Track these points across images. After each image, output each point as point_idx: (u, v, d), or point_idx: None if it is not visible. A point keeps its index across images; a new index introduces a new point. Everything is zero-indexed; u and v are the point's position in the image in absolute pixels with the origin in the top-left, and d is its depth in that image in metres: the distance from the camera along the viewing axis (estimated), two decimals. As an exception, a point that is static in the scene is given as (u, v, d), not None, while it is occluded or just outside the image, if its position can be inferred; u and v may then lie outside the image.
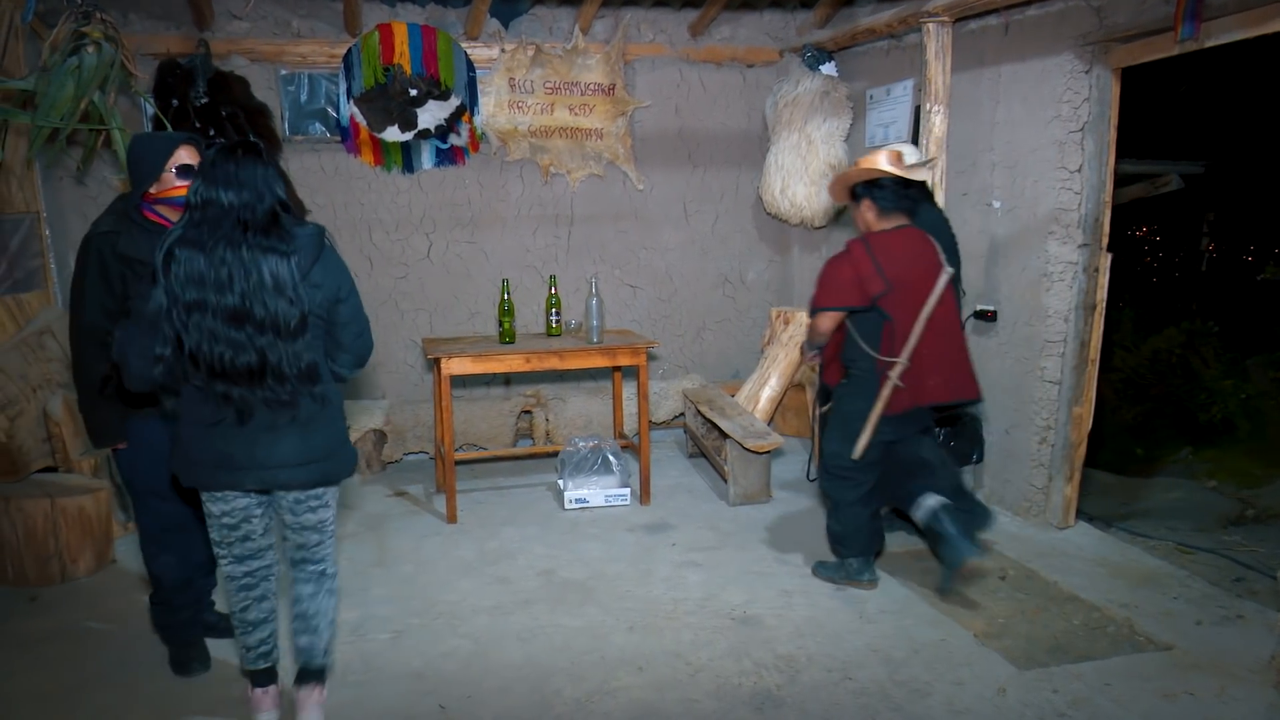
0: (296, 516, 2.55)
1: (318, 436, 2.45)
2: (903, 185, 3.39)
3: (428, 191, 5.41)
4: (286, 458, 2.40)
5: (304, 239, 2.40)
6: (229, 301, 2.27)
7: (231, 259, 2.27)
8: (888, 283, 3.28)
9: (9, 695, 2.84)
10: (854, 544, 3.55)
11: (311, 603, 2.62)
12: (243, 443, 2.37)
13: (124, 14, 4.81)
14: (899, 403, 3.35)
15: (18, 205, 4.28)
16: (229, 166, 2.32)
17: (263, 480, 2.42)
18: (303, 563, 2.61)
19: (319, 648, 2.63)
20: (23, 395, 3.90)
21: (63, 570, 3.70)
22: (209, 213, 2.30)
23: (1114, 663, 2.95)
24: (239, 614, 2.59)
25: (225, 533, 2.53)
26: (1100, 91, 3.86)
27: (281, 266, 2.31)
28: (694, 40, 5.65)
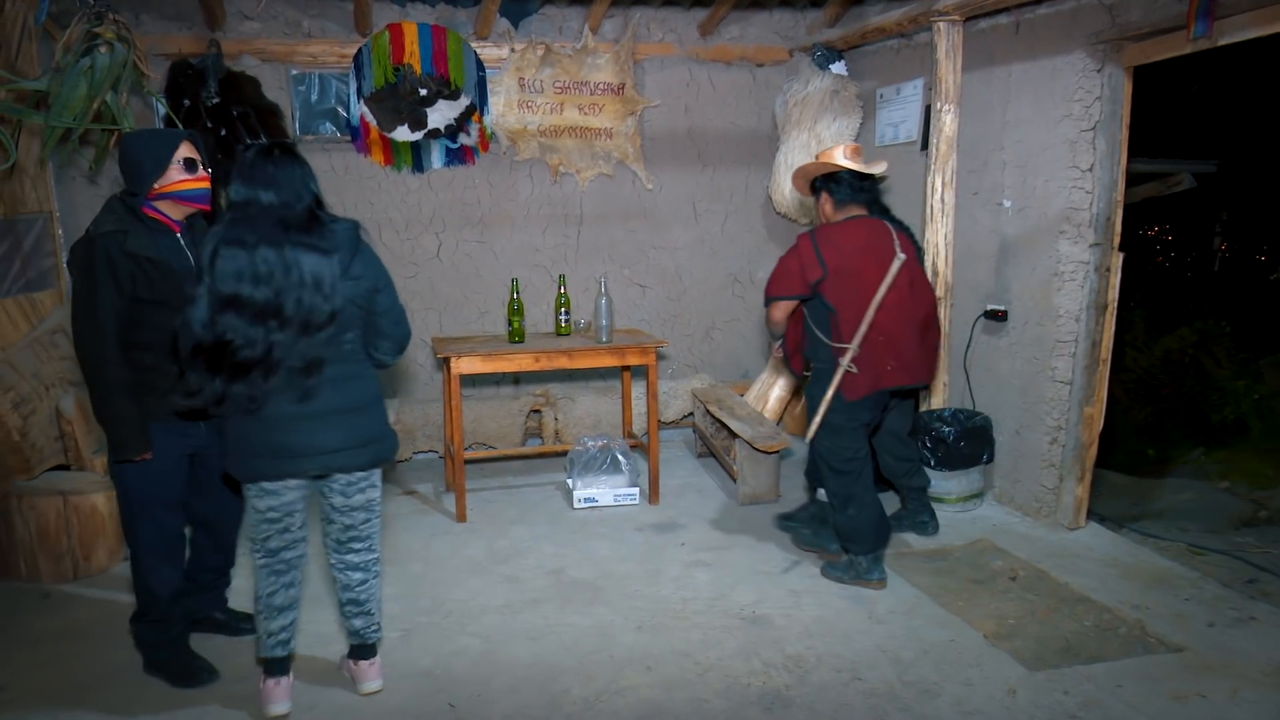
0: (348, 498, 2.67)
1: (369, 421, 2.61)
2: (859, 179, 3.52)
3: (437, 191, 5.42)
4: (344, 441, 2.54)
5: (342, 234, 2.50)
6: (261, 296, 2.35)
7: (273, 257, 2.37)
8: (825, 269, 3.38)
9: (22, 691, 2.86)
10: (865, 540, 3.54)
11: (363, 589, 2.78)
12: (302, 432, 2.49)
13: (136, 14, 4.84)
14: (858, 388, 3.42)
15: (31, 205, 4.31)
16: (267, 167, 2.41)
17: (324, 464, 2.55)
18: (351, 542, 2.74)
19: (374, 625, 2.82)
20: (35, 394, 3.92)
21: (75, 567, 3.72)
22: (249, 211, 2.39)
23: (1125, 664, 2.94)
24: (265, 598, 2.65)
25: (266, 528, 2.61)
26: (1112, 90, 3.84)
27: (323, 264, 2.41)
28: (703, 39, 5.64)
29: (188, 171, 2.71)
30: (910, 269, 3.48)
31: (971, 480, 4.38)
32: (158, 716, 2.72)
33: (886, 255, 3.43)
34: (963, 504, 4.38)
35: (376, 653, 2.85)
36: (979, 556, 3.85)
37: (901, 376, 3.47)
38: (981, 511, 4.39)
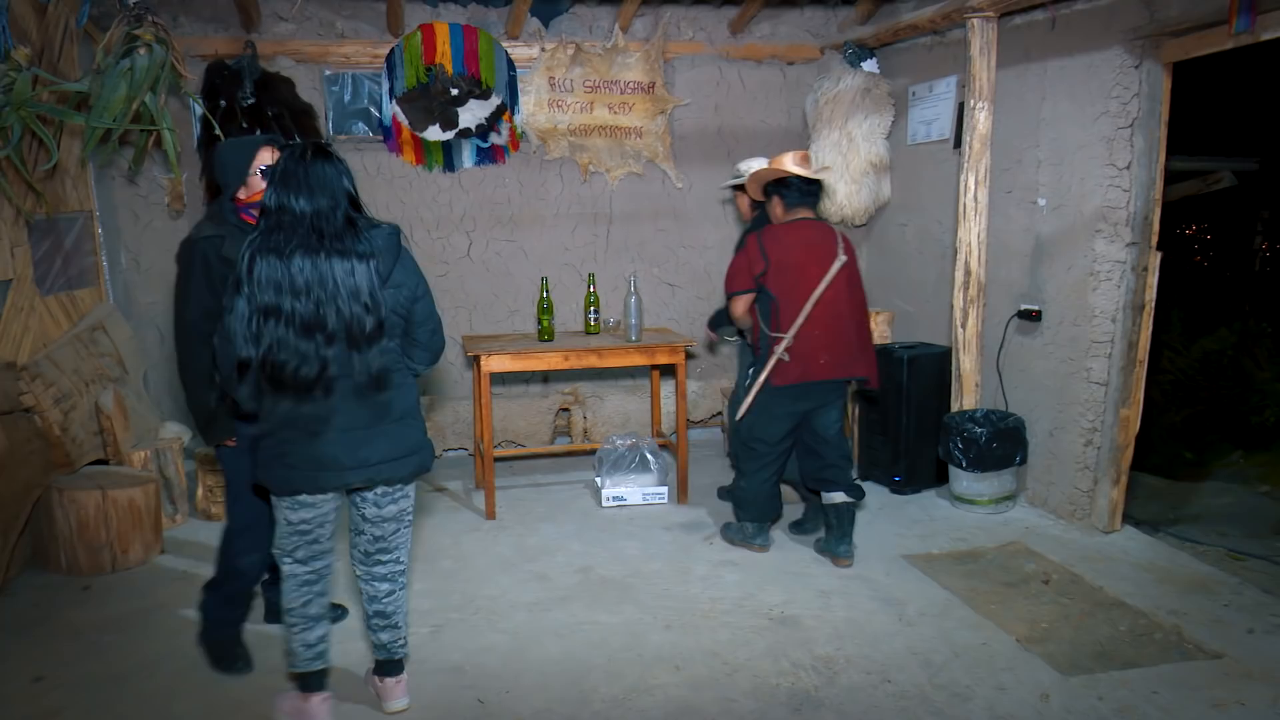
0: (380, 509, 2.60)
1: (410, 431, 2.54)
2: (806, 184, 3.80)
3: (468, 190, 5.45)
4: (389, 453, 2.48)
5: (382, 240, 2.43)
6: (303, 310, 2.30)
7: (309, 267, 2.30)
8: (767, 262, 3.66)
9: (63, 681, 2.92)
10: (752, 510, 3.93)
11: (390, 600, 2.69)
12: (344, 444, 2.41)
13: (174, 17, 4.91)
14: (785, 375, 3.66)
15: (72, 204, 4.39)
16: (299, 171, 2.33)
17: (369, 477, 2.48)
18: (380, 553, 2.66)
19: (401, 639, 2.73)
20: (76, 390, 4.00)
21: (113, 560, 3.79)
22: (283, 219, 2.32)
23: (1162, 670, 2.89)
24: (299, 609, 2.58)
25: (296, 539, 2.54)
26: (1151, 86, 3.78)
27: (360, 272, 2.34)
28: (734, 38, 5.63)
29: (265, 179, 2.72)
30: (849, 270, 3.72)
31: (1004, 482, 4.33)
32: (194, 707, 2.76)
33: (828, 256, 3.68)
34: (994, 506, 4.33)
35: (403, 669, 2.76)
36: (1011, 559, 3.81)
37: (834, 370, 3.69)
38: (1014, 514, 4.34)
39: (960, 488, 4.40)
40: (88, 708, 2.76)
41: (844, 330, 3.70)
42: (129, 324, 4.83)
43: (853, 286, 3.75)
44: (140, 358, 4.82)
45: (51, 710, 2.74)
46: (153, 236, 5.06)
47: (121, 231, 5.04)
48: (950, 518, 4.34)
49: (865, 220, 5.63)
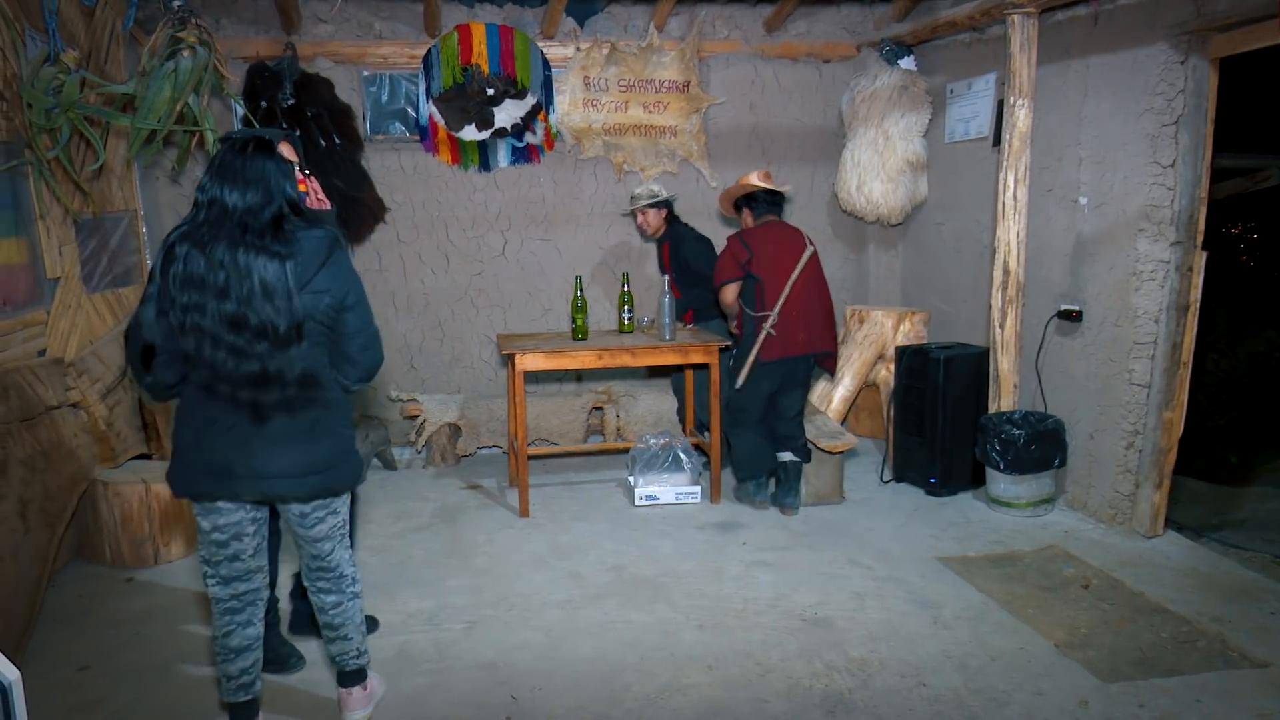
0: (306, 529, 2.46)
1: (320, 446, 2.34)
2: (770, 195, 4.43)
3: (503, 189, 5.49)
4: (287, 468, 2.29)
5: (309, 242, 2.25)
6: (227, 308, 2.17)
7: (228, 262, 2.17)
8: (750, 251, 4.27)
9: (107, 670, 2.98)
10: (748, 468, 4.46)
11: (338, 612, 2.55)
12: (242, 452, 2.26)
13: (217, 19, 5.00)
14: (771, 351, 4.25)
15: (117, 204, 4.48)
16: (236, 163, 2.22)
17: (261, 490, 2.31)
18: (321, 570, 2.53)
19: (352, 651, 2.59)
20: (120, 385, 4.08)
21: (155, 553, 3.86)
22: (213, 212, 2.21)
23: (1205, 678, 2.83)
24: (221, 639, 2.45)
25: (214, 550, 2.40)
26: (1196, 83, 3.71)
27: (271, 271, 2.18)
28: (769, 36, 5.60)
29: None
30: (816, 260, 4.35)
31: (1042, 485, 4.27)
32: (233, 699, 2.81)
33: (798, 247, 4.33)
34: (1032, 509, 4.27)
35: (363, 679, 2.63)
36: (1050, 563, 3.75)
37: (809, 346, 4.30)
38: (1052, 517, 4.28)
39: (997, 490, 4.34)
40: (130, 697, 2.81)
41: (815, 311, 4.32)
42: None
43: (819, 274, 4.37)
44: (182, 354, 4.90)
45: (96, 699, 2.80)
46: (195, 235, 5.15)
47: (165, 230, 5.13)
48: (987, 520, 4.28)
49: (902, 219, 5.58)
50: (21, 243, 3.62)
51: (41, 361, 3.62)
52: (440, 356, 5.54)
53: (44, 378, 3.53)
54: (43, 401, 3.46)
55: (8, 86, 3.51)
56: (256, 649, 2.50)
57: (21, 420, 3.28)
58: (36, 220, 3.72)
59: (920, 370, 4.66)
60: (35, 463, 3.29)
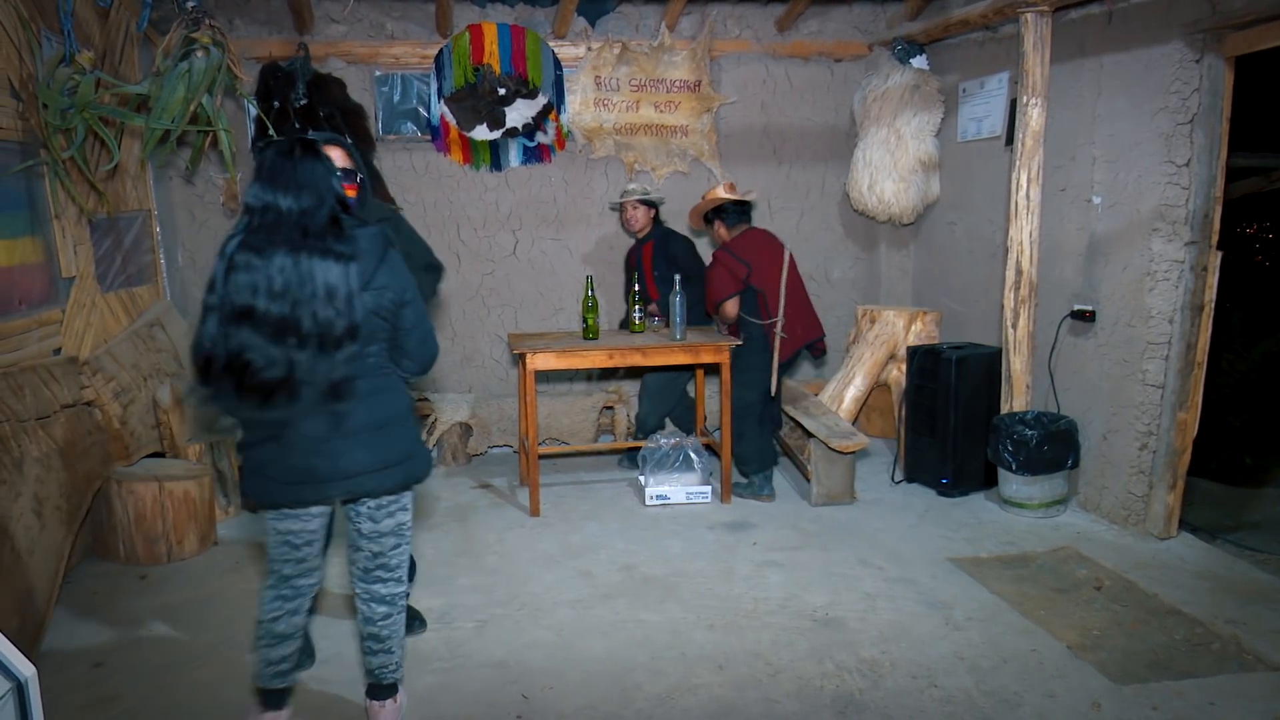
0: (376, 523, 2.47)
1: (395, 441, 2.38)
2: (738, 205, 4.62)
3: (514, 189, 5.49)
4: (368, 464, 2.33)
5: (366, 241, 2.29)
6: (278, 311, 2.16)
7: (289, 266, 2.17)
8: (747, 265, 4.45)
9: (120, 667, 3.00)
10: (757, 461, 4.62)
11: (386, 624, 2.54)
12: (324, 455, 2.29)
13: (230, 20, 5.03)
14: (785, 351, 4.52)
15: (131, 204, 4.51)
16: (287, 167, 2.22)
17: (348, 489, 2.34)
18: (378, 570, 2.52)
19: (392, 664, 2.58)
20: (134, 384, 4.11)
21: (169, 550, 3.89)
22: (268, 218, 2.20)
23: (1219, 681, 2.82)
24: (268, 623, 2.46)
25: (285, 551, 2.44)
26: (1212, 81, 3.68)
27: (336, 273, 2.20)
28: (781, 35, 5.59)
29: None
30: (791, 257, 4.58)
31: (1054, 485, 4.25)
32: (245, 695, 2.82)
33: (778, 251, 4.56)
34: (1045, 510, 4.25)
35: (394, 692, 2.62)
36: (1062, 564, 3.73)
37: (806, 336, 4.60)
38: (1065, 518, 4.26)
39: (1009, 491, 4.33)
40: (144, 694, 2.83)
41: (803, 302, 4.62)
42: (185, 320, 4.94)
43: (795, 268, 4.63)
44: (196, 353, 4.93)
45: (110, 695, 2.82)
46: (208, 235, 5.18)
47: (179, 230, 5.17)
48: (999, 521, 4.27)
49: (913, 219, 5.56)
50: (37, 242, 3.65)
51: (56, 360, 3.65)
52: (451, 355, 5.55)
53: (59, 376, 3.56)
54: (57, 400, 3.49)
55: (24, 87, 3.53)
56: (298, 638, 2.52)
57: (37, 418, 3.30)
58: (52, 220, 3.75)
59: (932, 370, 4.64)
60: (50, 461, 3.31)
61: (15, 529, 2.99)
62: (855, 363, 5.25)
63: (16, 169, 3.49)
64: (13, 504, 3.01)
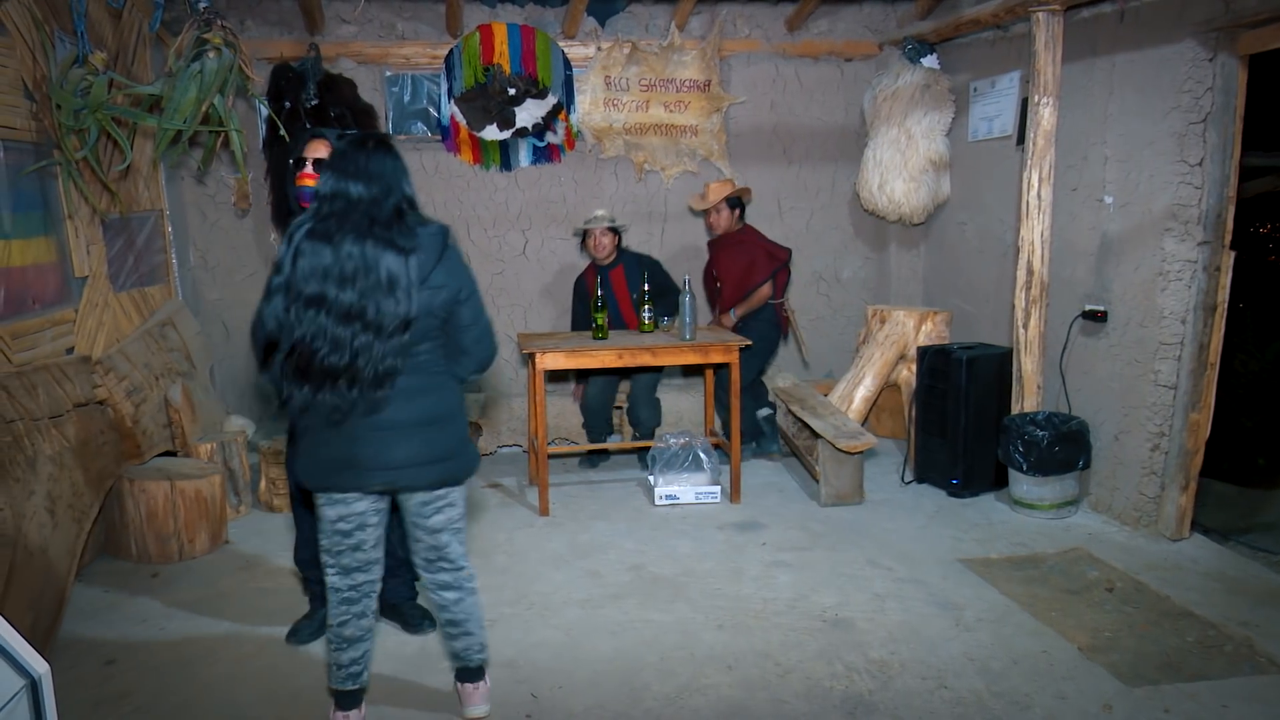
0: (425, 519, 2.51)
1: (440, 436, 2.42)
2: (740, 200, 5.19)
3: (524, 189, 5.50)
4: (411, 458, 2.37)
5: (426, 238, 2.35)
6: (347, 298, 2.23)
7: (356, 254, 2.24)
8: (786, 248, 5.20)
9: (133, 664, 3.02)
10: (748, 433, 5.14)
11: (459, 608, 2.59)
12: (373, 444, 2.34)
13: (241, 20, 5.05)
14: (785, 329, 5.37)
15: (144, 204, 4.54)
16: (360, 158, 2.30)
17: (387, 481, 2.38)
18: (438, 562, 2.56)
19: (475, 645, 2.63)
20: (146, 383, 4.13)
21: (180, 549, 3.91)
22: (337, 205, 2.27)
23: (1232, 684, 2.80)
24: (336, 629, 2.50)
25: (338, 540, 2.46)
26: (1225, 80, 3.66)
27: (398, 265, 2.26)
28: (790, 35, 5.59)
29: (296, 169, 2.77)
30: None
31: (1065, 486, 4.23)
32: (256, 693, 2.84)
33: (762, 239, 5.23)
34: (1055, 511, 4.24)
35: (483, 675, 2.68)
36: (1073, 566, 3.72)
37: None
38: (1076, 519, 4.24)
39: (1020, 491, 4.31)
40: (155, 691, 2.85)
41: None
42: (196, 320, 4.97)
43: None
44: (207, 352, 4.96)
45: (122, 692, 2.84)
46: (219, 235, 5.21)
47: (190, 230, 5.19)
48: (1009, 522, 4.25)
49: (924, 219, 5.55)
50: (50, 242, 3.68)
51: (69, 359, 3.67)
52: (461, 355, 5.55)
53: (72, 375, 3.58)
54: (70, 399, 3.51)
55: (37, 88, 3.56)
56: (368, 640, 2.56)
57: (50, 417, 3.32)
58: (65, 220, 3.78)
59: (942, 370, 4.63)
60: (63, 459, 3.34)
61: (28, 527, 3.02)
62: (865, 363, 5.23)
63: (31, 169, 3.51)
64: (26, 502, 3.03)
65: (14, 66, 3.44)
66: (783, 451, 5.26)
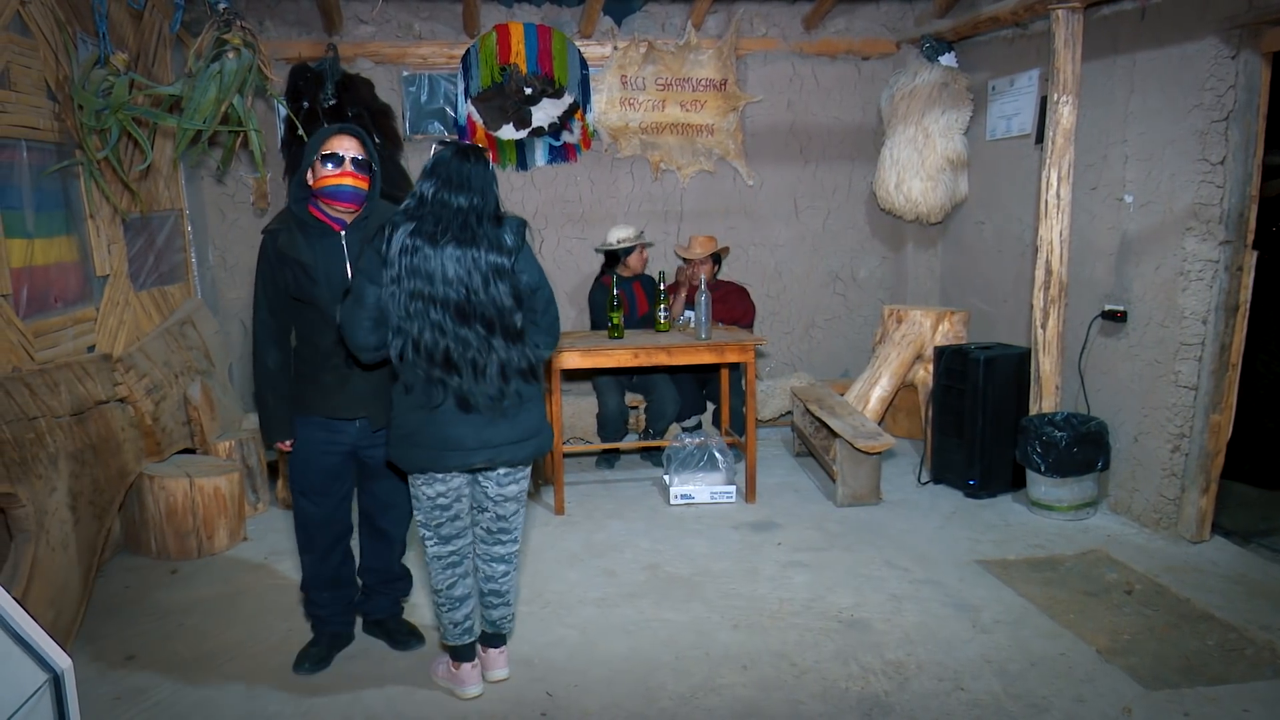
0: (502, 489, 2.72)
1: (531, 415, 2.64)
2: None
3: (540, 188, 5.51)
4: (510, 435, 2.59)
5: (514, 233, 2.55)
6: (455, 296, 2.44)
7: (461, 256, 2.44)
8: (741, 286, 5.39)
9: (151, 660, 3.04)
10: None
11: (505, 580, 2.82)
12: (470, 425, 2.54)
13: (261, 21, 5.08)
14: None
15: (164, 203, 4.57)
16: (463, 169, 2.49)
17: (490, 457, 2.59)
18: (500, 533, 2.77)
19: (509, 615, 2.87)
20: (166, 381, 4.17)
21: (199, 545, 3.94)
22: (440, 211, 2.46)
23: (1253, 688, 2.77)
24: (445, 591, 2.74)
25: (437, 514, 2.68)
26: (1248, 78, 3.62)
27: (498, 261, 2.48)
28: (808, 33, 5.57)
29: (329, 165, 2.66)
30: None
31: (1084, 488, 4.20)
32: (274, 690, 2.85)
33: None
34: (1074, 512, 4.21)
35: (505, 641, 2.91)
36: (1092, 568, 3.69)
37: None
38: (1094, 521, 4.21)
39: (1038, 493, 4.28)
40: (175, 687, 2.87)
41: None
42: (215, 318, 5.01)
43: None
44: (225, 351, 5.00)
45: (141, 688, 2.86)
46: (238, 234, 5.24)
47: (209, 229, 5.23)
48: (1027, 523, 4.22)
49: (941, 218, 5.52)
50: (72, 241, 3.71)
51: (90, 357, 3.70)
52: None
53: (93, 373, 3.62)
54: (91, 396, 3.54)
55: (60, 89, 3.59)
56: (473, 595, 2.82)
57: (71, 415, 3.36)
58: (87, 219, 3.81)
59: (959, 371, 4.60)
60: (84, 456, 3.37)
61: (50, 523, 3.05)
62: (881, 363, 5.21)
63: (53, 169, 3.55)
64: (48, 499, 3.07)
65: (37, 68, 3.47)
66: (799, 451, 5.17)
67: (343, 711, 2.73)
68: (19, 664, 1.77)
